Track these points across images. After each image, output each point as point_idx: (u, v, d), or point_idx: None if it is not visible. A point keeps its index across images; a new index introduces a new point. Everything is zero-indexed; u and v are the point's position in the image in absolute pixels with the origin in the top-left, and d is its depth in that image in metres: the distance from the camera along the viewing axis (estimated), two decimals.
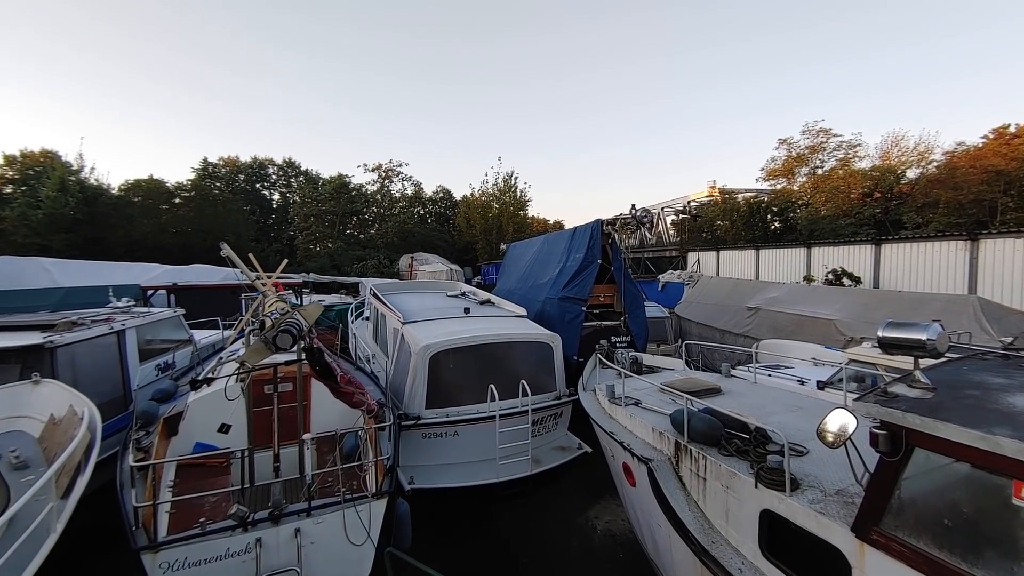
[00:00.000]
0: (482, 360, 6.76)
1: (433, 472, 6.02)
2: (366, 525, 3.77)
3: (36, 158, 28.77)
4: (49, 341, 5.70)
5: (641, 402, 5.23)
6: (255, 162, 42.64)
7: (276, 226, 41.88)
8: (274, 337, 3.08)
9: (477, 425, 6.23)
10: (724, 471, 3.53)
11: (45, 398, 5.06)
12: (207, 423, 5.08)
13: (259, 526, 3.62)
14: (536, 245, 13.93)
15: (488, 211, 38.94)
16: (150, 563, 3.32)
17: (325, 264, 32.55)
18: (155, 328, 8.05)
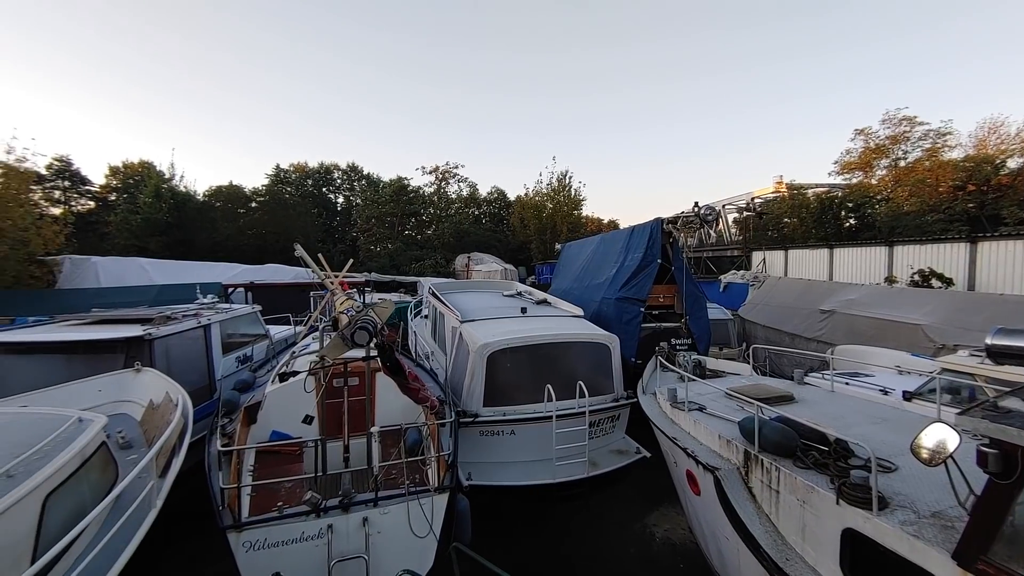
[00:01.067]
0: (539, 360, 6.76)
1: (490, 469, 6.09)
2: (429, 518, 3.87)
3: (135, 168, 32.00)
4: (148, 333, 6.30)
5: (705, 408, 5.02)
6: (322, 167, 45.06)
7: (340, 227, 44.00)
8: (352, 334, 3.23)
9: (534, 425, 6.24)
10: (800, 485, 3.31)
11: (145, 385, 5.60)
12: (282, 413, 5.42)
13: (331, 513, 3.82)
14: (592, 245, 13.76)
15: (542, 211, 38.86)
16: (234, 541, 3.59)
17: (385, 264, 33.81)
18: (236, 323, 8.69)
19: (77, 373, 5.86)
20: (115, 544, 3.12)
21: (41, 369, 6.02)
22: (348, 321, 3.31)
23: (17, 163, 18.35)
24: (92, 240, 26.75)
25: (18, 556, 2.73)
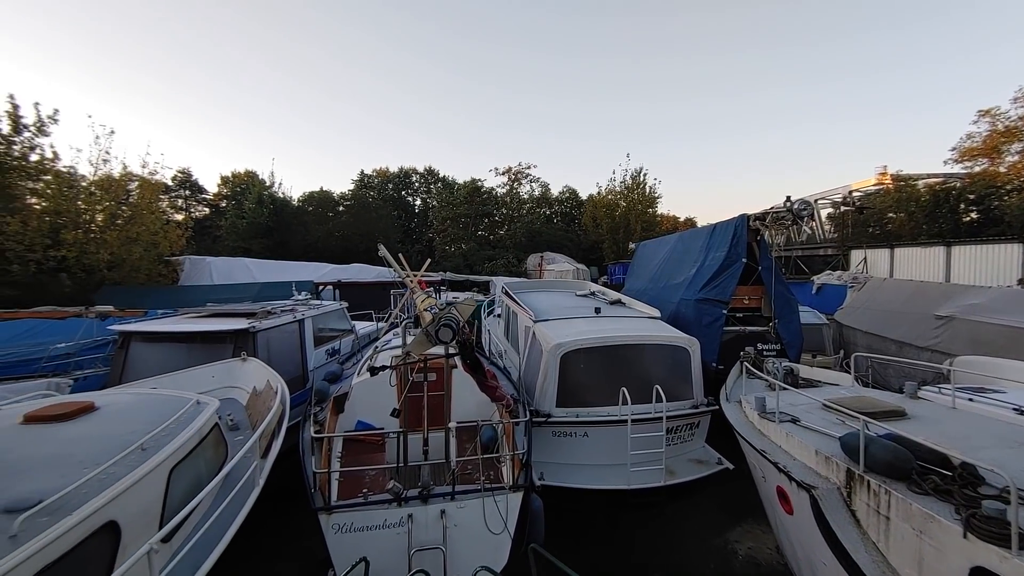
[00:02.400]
0: (614, 361, 6.60)
1: (562, 471, 6.04)
2: (504, 516, 3.92)
3: (242, 178, 35.63)
4: (252, 326, 6.96)
5: (799, 419, 4.62)
6: (401, 171, 47.34)
7: (417, 229, 45.94)
8: (436, 331, 3.35)
9: (608, 428, 6.10)
10: (917, 512, 2.94)
11: (249, 373, 6.19)
12: (367, 404, 5.74)
13: (411, 503, 3.99)
14: (669, 244, 13.22)
15: (615, 209, 37.96)
16: (325, 523, 3.85)
17: (459, 263, 34.78)
18: (326, 318, 9.35)
19: (195, 359, 6.62)
20: (225, 516, 3.47)
21: (168, 355, 6.87)
22: (432, 319, 3.43)
23: (149, 176, 21.07)
24: (207, 242, 30.14)
25: (150, 520, 3.12)
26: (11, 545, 2.32)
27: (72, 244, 17.29)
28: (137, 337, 7.02)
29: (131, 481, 2.92)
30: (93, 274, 17.96)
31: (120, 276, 18.63)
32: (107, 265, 18.20)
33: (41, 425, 3.69)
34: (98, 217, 18.71)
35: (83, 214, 18.37)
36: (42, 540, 2.36)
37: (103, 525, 2.74)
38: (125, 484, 2.87)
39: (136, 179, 20.46)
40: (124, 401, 4.34)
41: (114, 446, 3.26)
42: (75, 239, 17.40)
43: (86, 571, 2.67)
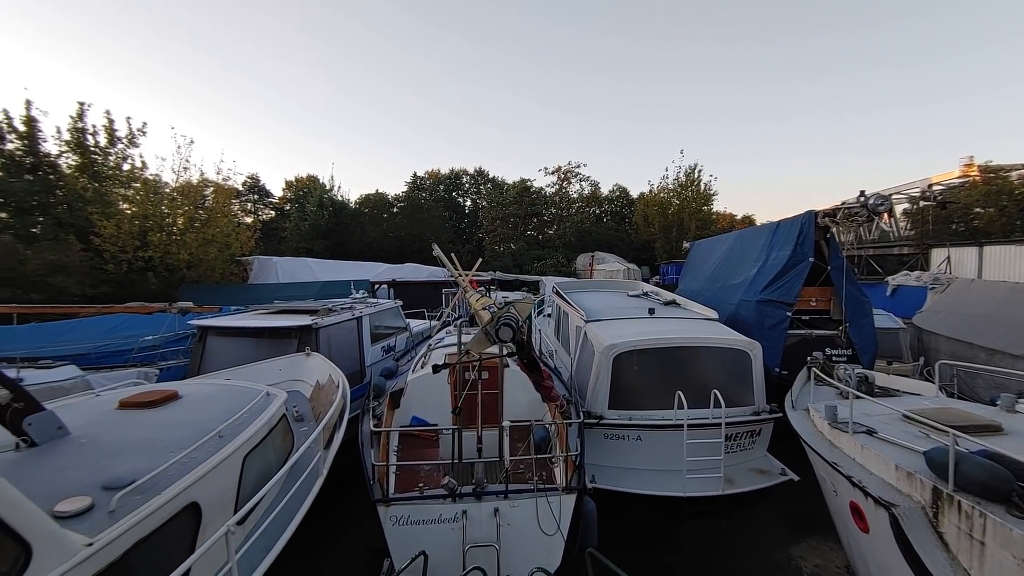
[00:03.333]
0: (669, 364, 6.41)
1: (615, 474, 5.93)
2: (557, 517, 3.90)
3: (304, 182, 37.65)
4: (315, 323, 7.33)
5: (876, 431, 4.29)
6: (452, 173, 48.27)
7: (468, 229, 46.66)
8: (496, 329, 3.39)
9: (662, 432, 5.93)
10: (1019, 539, 2.65)
11: (312, 367, 6.51)
12: (422, 400, 5.90)
13: (465, 499, 4.06)
14: (727, 242, 12.68)
15: (667, 208, 36.86)
16: (383, 514, 3.99)
17: (509, 263, 35.01)
18: (382, 316, 9.68)
19: (263, 353, 7.05)
20: (292, 503, 3.67)
21: (239, 348, 7.36)
22: (491, 317, 3.46)
23: (223, 182, 22.68)
24: (273, 243, 32.03)
25: (226, 503, 3.35)
26: (110, 520, 2.55)
27: (157, 245, 18.93)
28: (213, 331, 7.57)
29: (211, 466, 3.14)
30: (174, 273, 19.56)
31: (197, 275, 20.18)
32: (186, 265, 19.77)
33: (133, 411, 4.05)
34: (179, 220, 20.36)
35: (166, 218, 20.04)
36: (136, 516, 2.58)
37: (186, 506, 2.96)
38: (205, 468, 3.09)
39: (211, 185, 22.09)
40: (203, 391, 4.68)
41: (195, 432, 3.52)
42: (160, 241, 19.03)
43: (171, 548, 2.89)
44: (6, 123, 18.07)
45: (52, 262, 15.68)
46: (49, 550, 2.20)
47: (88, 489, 2.77)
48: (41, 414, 3.43)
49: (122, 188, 20.47)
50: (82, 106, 19.63)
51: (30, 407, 3.39)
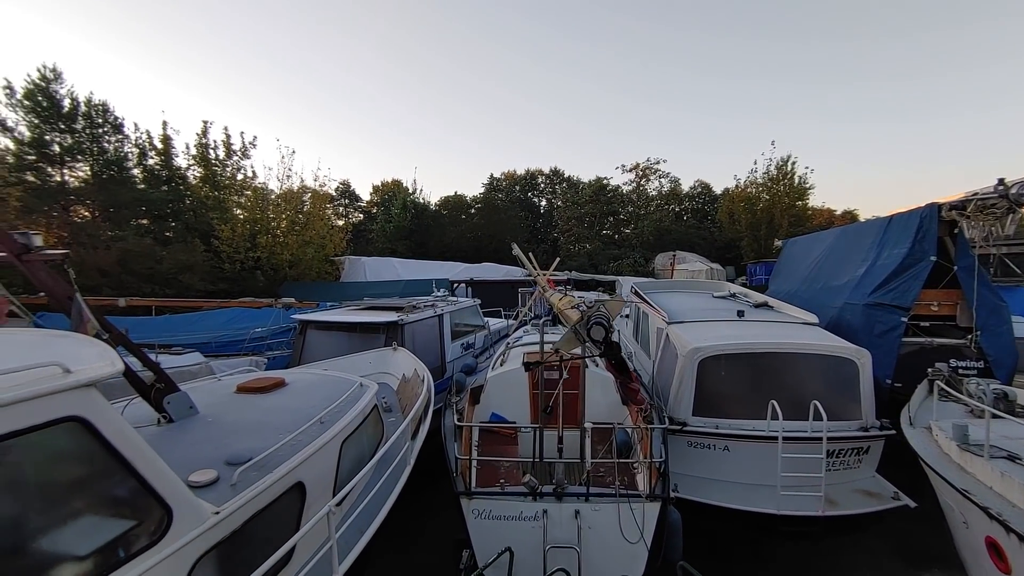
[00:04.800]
0: (761, 371, 5.99)
1: (699, 485, 5.64)
2: (640, 525, 3.80)
3: (389, 187, 39.92)
4: (401, 319, 7.73)
5: (1020, 457, 3.71)
6: (527, 173, 48.64)
7: (543, 229, 46.79)
8: (588, 329, 3.37)
9: (753, 444, 5.55)
10: None
11: (399, 362, 6.87)
12: (501, 397, 6.01)
13: (545, 499, 4.07)
14: (827, 240, 11.59)
15: (756, 203, 34.36)
16: (466, 506, 4.11)
17: (584, 263, 34.63)
18: (461, 314, 10.00)
19: (354, 347, 7.57)
20: (384, 489, 3.90)
21: (334, 341, 7.97)
22: (581, 316, 3.44)
23: (319, 188, 24.70)
24: (361, 244, 34.30)
25: (326, 485, 3.63)
26: (232, 492, 2.85)
27: (264, 247, 21.05)
28: (312, 325, 8.26)
29: (314, 449, 3.42)
30: (278, 271, 21.63)
31: (297, 273, 22.15)
32: (288, 264, 21.78)
33: (248, 395, 4.52)
34: (282, 224, 22.46)
35: (271, 222, 22.20)
36: (254, 490, 2.87)
37: (294, 484, 3.25)
38: (310, 451, 3.37)
39: (309, 191, 24.14)
40: (305, 379, 5.12)
41: (300, 417, 3.85)
42: (266, 243, 21.15)
43: (280, 523, 3.16)
44: (148, 142, 20.99)
45: (182, 262, 17.99)
46: (186, 516, 2.50)
47: (214, 463, 3.09)
48: (177, 395, 3.93)
49: (236, 196, 22.99)
50: (206, 124, 22.40)
51: (169, 388, 3.91)
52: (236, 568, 2.74)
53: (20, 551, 2.02)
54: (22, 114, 17.10)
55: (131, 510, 2.38)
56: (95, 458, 2.25)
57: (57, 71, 17.55)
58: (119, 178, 19.14)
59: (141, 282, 16.61)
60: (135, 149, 20.58)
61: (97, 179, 18.54)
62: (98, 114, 18.65)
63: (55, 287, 3.53)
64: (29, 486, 2.15)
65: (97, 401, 2.25)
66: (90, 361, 2.36)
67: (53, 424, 2.08)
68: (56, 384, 2.08)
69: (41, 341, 2.73)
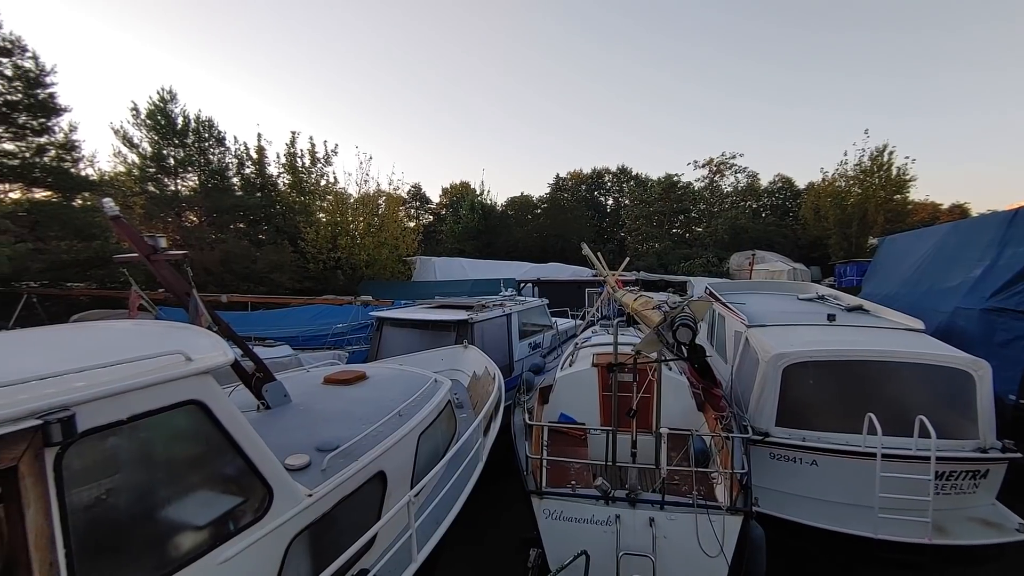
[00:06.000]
0: (856, 380, 5.50)
1: (782, 500, 5.28)
2: (719, 538, 3.63)
3: (457, 189, 41.13)
4: (471, 318, 7.92)
5: None
6: (594, 172, 48.03)
7: (609, 228, 45.95)
8: (674, 330, 3.26)
9: (846, 459, 5.11)
10: None
11: (470, 359, 7.04)
12: (570, 397, 5.97)
13: (618, 503, 3.99)
14: (934, 237, 10.40)
15: (846, 198, 31.47)
16: (537, 505, 4.12)
17: (653, 263, 33.58)
18: (529, 314, 10.07)
19: (426, 343, 7.86)
20: (458, 483, 4.02)
21: (407, 338, 8.32)
22: (664, 318, 3.34)
23: (393, 191, 25.96)
24: (432, 244, 35.62)
25: (404, 475, 3.79)
26: (322, 477, 3.04)
27: (344, 248, 22.48)
28: (388, 322, 8.68)
29: (395, 440, 3.59)
30: (356, 271, 23.00)
31: (373, 272, 23.41)
32: (365, 264, 23.10)
33: (334, 386, 4.84)
34: (360, 226, 23.82)
35: (350, 224, 23.61)
36: (343, 476, 3.07)
37: (376, 473, 3.43)
38: (391, 442, 3.55)
39: (384, 194, 25.42)
40: (384, 374, 5.39)
41: (381, 410, 4.06)
42: (346, 244, 22.56)
43: (364, 509, 3.34)
44: (245, 153, 23.11)
45: (273, 262, 19.63)
46: (284, 496, 2.71)
47: (306, 449, 3.32)
48: (274, 383, 4.29)
49: (319, 200, 24.71)
50: (294, 135, 24.30)
51: (267, 377, 4.28)
52: (325, 549, 2.94)
53: (152, 518, 2.29)
54: (145, 132, 19.49)
55: (238, 488, 2.61)
56: (210, 439, 2.51)
57: (172, 92, 19.82)
58: (221, 186, 21.24)
59: (239, 280, 18.33)
60: (234, 160, 22.78)
61: (203, 188, 20.70)
62: (205, 129, 20.80)
63: (176, 284, 3.99)
64: (158, 461, 2.43)
65: (213, 387, 2.51)
66: (206, 351, 2.62)
67: (177, 407, 2.33)
68: (180, 371, 2.34)
69: (165, 332, 3.06)
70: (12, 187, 15.07)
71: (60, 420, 1.79)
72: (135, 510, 2.24)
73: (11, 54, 14.07)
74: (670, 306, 3.52)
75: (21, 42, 14.18)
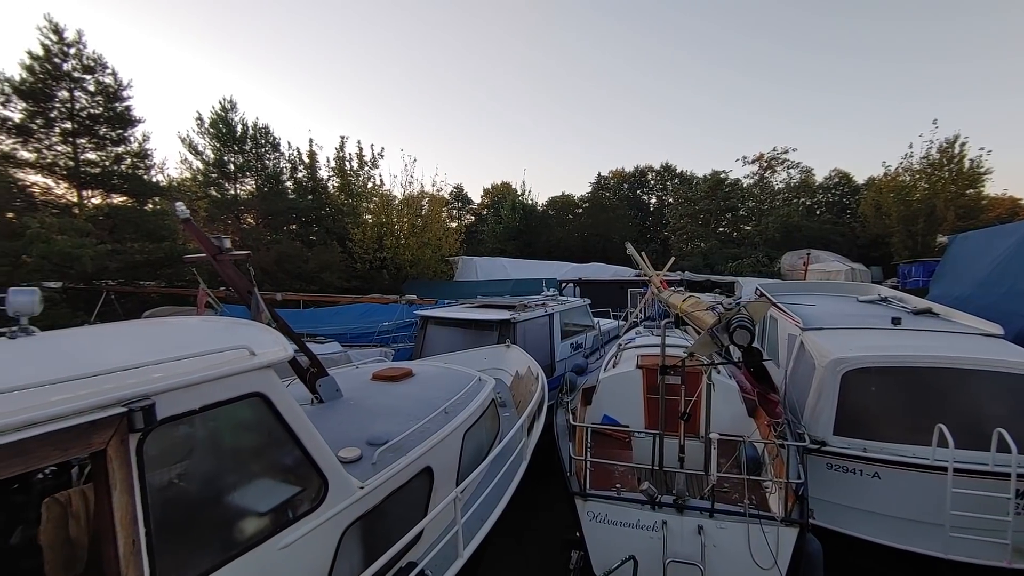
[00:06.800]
0: (924, 389, 5.13)
1: (839, 513, 5.00)
2: (773, 550, 3.48)
3: (499, 189, 41.40)
4: (513, 317, 7.96)
5: None
6: (637, 170, 47.11)
7: (652, 227, 44.97)
8: (731, 332, 3.16)
9: (913, 473, 4.78)
10: None
11: (512, 359, 7.07)
12: (613, 399, 5.90)
13: (664, 509, 3.90)
14: (1014, 235, 9.55)
15: (911, 193, 29.34)
16: (580, 507, 4.08)
17: (698, 263, 32.59)
18: (571, 314, 10.01)
19: (469, 342, 7.96)
20: (502, 482, 4.05)
21: (451, 336, 8.45)
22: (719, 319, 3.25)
23: (436, 192, 26.48)
24: (473, 245, 36.05)
25: (450, 472, 3.85)
26: (373, 470, 3.12)
27: (389, 248, 23.15)
28: (432, 321, 8.85)
29: (441, 436, 3.65)
30: (401, 270, 23.65)
31: (416, 272, 23.97)
32: (409, 264, 23.67)
33: (382, 383, 4.98)
34: (404, 227, 24.45)
35: (395, 225, 24.26)
36: (392, 470, 3.16)
37: (424, 469, 3.50)
38: (438, 438, 3.61)
39: (427, 196, 25.98)
40: (429, 371, 5.49)
41: (427, 406, 4.13)
42: (391, 244, 23.23)
43: (411, 504, 3.41)
44: (297, 158, 24.21)
45: (323, 261, 20.49)
46: (339, 487, 2.80)
47: (357, 442, 3.41)
48: (327, 378, 4.46)
49: (366, 202, 25.54)
50: (343, 139, 25.26)
51: (321, 372, 4.46)
52: (375, 541, 3.02)
53: (218, 503, 2.44)
54: (208, 140, 20.78)
55: (296, 478, 2.73)
56: (271, 430, 2.63)
57: (233, 102, 21.06)
58: (276, 190, 22.37)
59: (291, 279, 19.24)
60: (288, 164, 23.91)
61: (260, 191, 21.85)
62: (261, 136, 21.96)
63: (239, 282, 4.23)
64: (224, 450, 2.58)
65: (274, 380, 2.64)
66: (268, 346, 2.75)
67: (242, 399, 2.47)
68: (246, 364, 2.47)
69: (230, 328, 3.21)
70: (94, 193, 16.47)
71: (142, 408, 1.93)
72: (204, 495, 2.40)
73: (94, 71, 15.38)
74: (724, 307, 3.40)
75: (102, 60, 15.50)
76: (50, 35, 14.65)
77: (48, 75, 14.64)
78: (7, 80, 14.10)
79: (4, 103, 14.21)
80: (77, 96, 15.27)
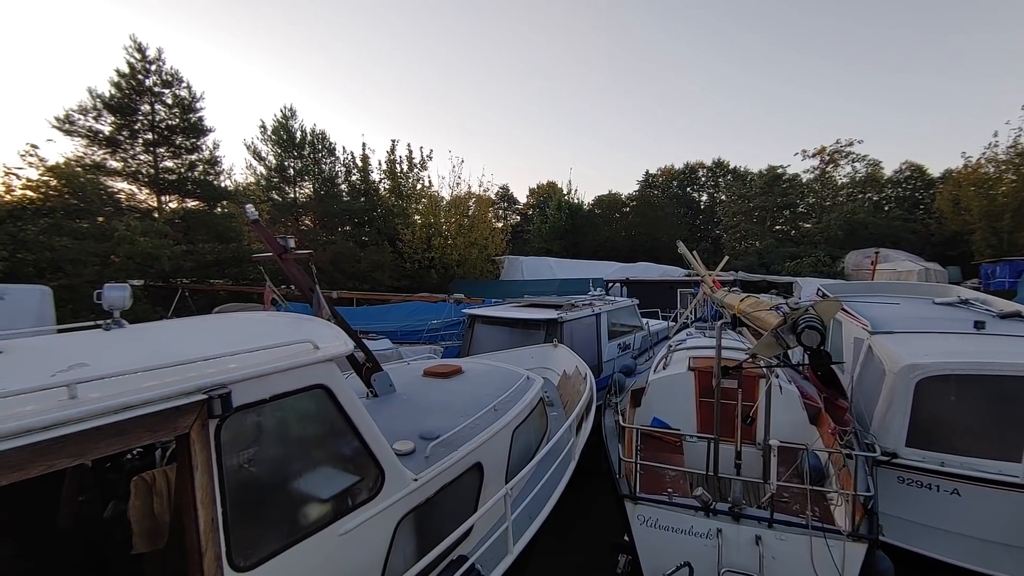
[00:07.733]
0: (1011, 400, 4.70)
1: (912, 531, 4.66)
2: (838, 566, 3.29)
3: (544, 189, 41.35)
4: (560, 317, 7.93)
5: None
6: (687, 167, 45.68)
7: (703, 226, 43.50)
8: (799, 333, 3.02)
9: (999, 492, 4.38)
10: None
11: (559, 358, 7.04)
12: (663, 401, 5.75)
13: (719, 517, 3.77)
14: None
15: (996, 187, 26.76)
16: (630, 510, 4.00)
17: (753, 263, 31.18)
18: (618, 314, 9.85)
19: (515, 341, 8.00)
20: (551, 481, 4.05)
21: (498, 335, 8.52)
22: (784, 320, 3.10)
23: (483, 193, 26.80)
24: (519, 244, 36.17)
25: (499, 469, 3.88)
26: (426, 463, 3.19)
27: (437, 248, 23.67)
28: (480, 319, 8.97)
29: (491, 433, 3.70)
30: (448, 270, 24.12)
31: (463, 271, 24.36)
32: (456, 263, 24.10)
33: (433, 379, 5.10)
34: (452, 227, 24.91)
35: (443, 225, 24.76)
36: (445, 464, 3.23)
37: (474, 464, 3.55)
38: (488, 434, 3.66)
39: (474, 196, 26.32)
40: (478, 369, 5.57)
41: (477, 403, 4.18)
42: (439, 244, 23.73)
43: (462, 498, 3.46)
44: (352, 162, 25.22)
45: (375, 261, 21.25)
46: (394, 479, 2.90)
47: (410, 436, 3.49)
48: (381, 374, 4.63)
49: (415, 204, 26.23)
50: (393, 142, 26.08)
51: (376, 368, 4.63)
52: (428, 533, 3.10)
53: (285, 488, 2.58)
54: (270, 146, 22.04)
55: (355, 468, 2.84)
56: (333, 421, 2.76)
57: (293, 110, 22.23)
58: (332, 193, 23.45)
59: (346, 278, 20.08)
60: (342, 168, 24.93)
61: (316, 194, 22.94)
62: (318, 141, 23.05)
63: (302, 280, 4.47)
64: (290, 439, 2.73)
65: (336, 373, 2.77)
66: (330, 340, 2.88)
67: (307, 390, 2.61)
68: (311, 357, 2.61)
69: (295, 323, 3.38)
70: (171, 198, 17.89)
71: (220, 396, 2.09)
72: (272, 480, 2.55)
73: (171, 85, 16.69)
74: (790, 307, 3.24)
75: (179, 75, 16.80)
76: (134, 54, 16.09)
77: (133, 90, 16.10)
78: (99, 96, 15.57)
79: (96, 117, 15.70)
80: (157, 109, 16.68)
